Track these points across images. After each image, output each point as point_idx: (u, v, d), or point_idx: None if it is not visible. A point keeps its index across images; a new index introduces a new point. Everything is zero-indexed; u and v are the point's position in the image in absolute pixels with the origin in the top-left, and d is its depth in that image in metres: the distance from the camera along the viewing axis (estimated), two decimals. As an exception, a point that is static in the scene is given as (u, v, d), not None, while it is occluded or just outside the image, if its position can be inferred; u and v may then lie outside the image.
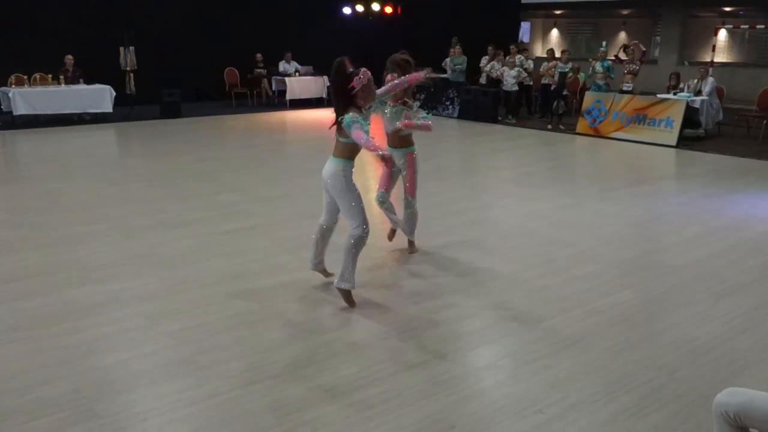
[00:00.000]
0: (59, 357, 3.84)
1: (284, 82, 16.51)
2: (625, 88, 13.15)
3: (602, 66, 13.43)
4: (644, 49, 13.59)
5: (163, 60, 15.41)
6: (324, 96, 17.03)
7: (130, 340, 4.09)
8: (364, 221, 4.50)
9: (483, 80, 15.81)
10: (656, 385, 3.63)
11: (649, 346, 4.11)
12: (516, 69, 14.51)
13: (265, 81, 16.80)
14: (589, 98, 13.20)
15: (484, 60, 15.87)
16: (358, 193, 4.55)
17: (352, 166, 4.59)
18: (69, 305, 4.58)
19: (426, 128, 5.22)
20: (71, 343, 4.02)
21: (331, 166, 4.54)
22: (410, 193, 5.62)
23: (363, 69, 4.36)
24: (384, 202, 5.61)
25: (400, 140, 5.49)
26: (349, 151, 4.52)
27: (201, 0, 16.53)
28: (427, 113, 5.37)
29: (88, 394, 3.46)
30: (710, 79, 12.75)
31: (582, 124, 13.12)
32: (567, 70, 14.08)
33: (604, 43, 15.01)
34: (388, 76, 5.20)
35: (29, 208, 7.13)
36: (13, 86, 12.87)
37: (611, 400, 3.48)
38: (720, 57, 20.17)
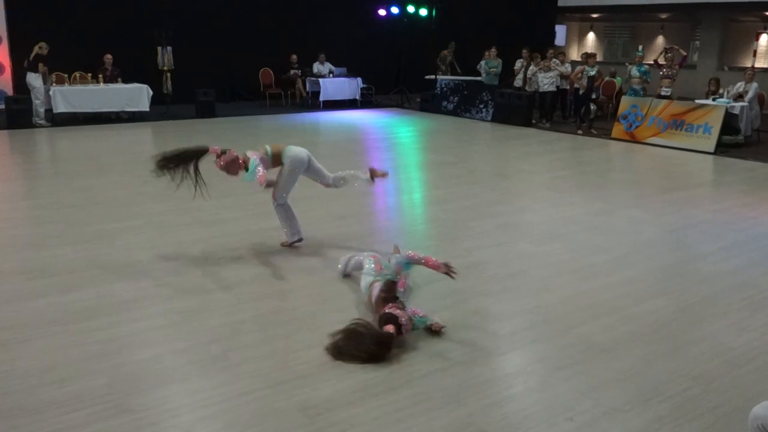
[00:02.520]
0: (94, 351, 3.91)
1: (318, 84, 16.60)
2: (663, 93, 12.95)
3: (639, 71, 13.24)
4: (684, 54, 13.38)
5: (199, 60, 15.60)
6: (357, 97, 17.09)
7: (162, 336, 4.15)
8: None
9: (517, 83, 15.71)
10: (690, 396, 3.56)
11: (684, 355, 4.04)
12: (552, 72, 14.39)
13: (299, 82, 16.91)
14: (625, 103, 13.03)
15: (518, 63, 15.77)
16: None
17: None
18: (103, 300, 4.65)
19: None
20: (105, 338, 4.09)
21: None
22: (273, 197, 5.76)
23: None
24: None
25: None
26: None
27: (237, 1, 16.70)
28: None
29: (122, 388, 3.51)
30: (754, 85, 12.50)
31: (617, 129, 12.96)
32: (594, 73, 13.95)
33: (640, 48, 14.80)
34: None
35: (66, 204, 7.27)
36: (54, 85, 13.15)
37: (644, 409, 3.42)
38: (761, 62, 19.77)
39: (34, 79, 12.81)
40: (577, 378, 3.72)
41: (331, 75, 16.87)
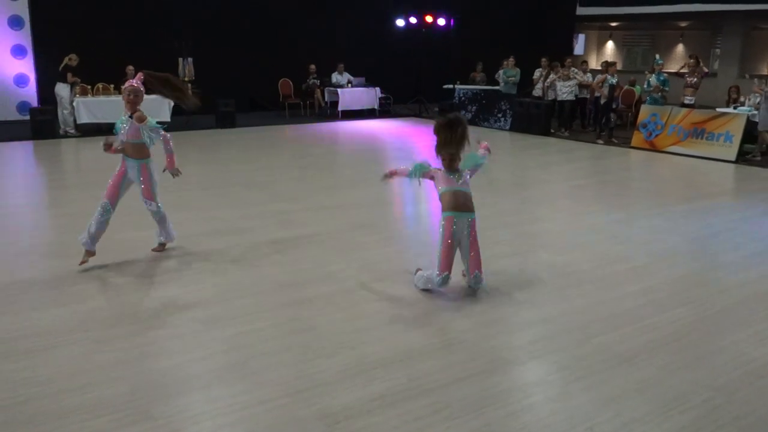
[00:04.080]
0: (116, 358, 3.96)
1: (337, 93, 16.70)
2: (686, 102, 12.86)
3: (657, 79, 13.16)
4: (707, 70, 13.23)
5: (220, 71, 15.76)
6: (376, 107, 17.16)
7: (184, 344, 4.19)
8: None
9: (536, 92, 15.68)
10: (712, 406, 3.53)
11: (706, 365, 4.01)
12: (571, 81, 14.36)
13: (317, 91, 17.02)
14: (645, 111, 12.96)
15: (537, 72, 15.76)
16: None
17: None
18: (126, 309, 4.71)
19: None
20: (128, 345, 4.14)
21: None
22: (148, 197, 5.81)
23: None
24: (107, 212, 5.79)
25: (136, 152, 5.80)
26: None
27: (257, 12, 16.86)
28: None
29: (144, 395, 3.55)
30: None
31: (637, 138, 12.88)
32: (615, 82, 13.89)
33: (658, 56, 14.71)
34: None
35: (88, 214, 7.32)
36: (78, 96, 13.35)
37: (665, 419, 3.40)
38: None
39: (62, 90, 13.04)
40: (596, 388, 3.70)
41: (349, 85, 16.96)
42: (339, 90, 16.70)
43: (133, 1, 15.50)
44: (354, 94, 16.94)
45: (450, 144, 4.97)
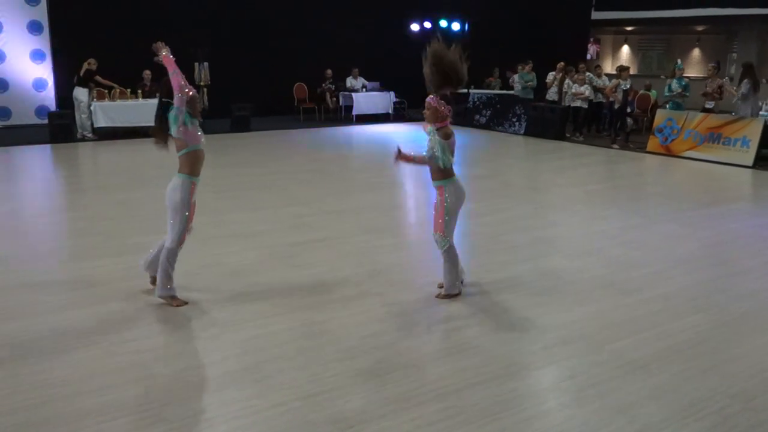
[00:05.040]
0: (132, 361, 3.98)
1: (351, 98, 16.74)
2: (707, 106, 12.77)
3: (679, 84, 13.06)
4: (726, 87, 13.03)
5: (235, 75, 15.85)
6: (390, 111, 17.17)
7: (198, 347, 4.21)
8: (179, 239, 4.75)
9: (550, 96, 15.62)
10: (729, 414, 3.50)
11: (722, 372, 3.97)
12: (583, 87, 14.31)
13: (328, 95, 17.09)
14: (660, 116, 12.87)
15: (550, 76, 15.72)
16: (191, 213, 4.78)
17: (192, 182, 4.78)
18: (141, 312, 4.74)
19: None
20: (143, 347, 4.17)
21: (173, 180, 4.77)
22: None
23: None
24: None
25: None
26: (189, 166, 4.75)
27: (271, 18, 16.93)
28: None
29: (158, 398, 3.57)
30: None
31: (653, 143, 12.80)
32: (627, 87, 13.81)
33: (679, 61, 14.62)
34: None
35: (105, 217, 7.43)
36: (95, 100, 13.48)
37: (681, 427, 3.37)
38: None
39: (81, 94, 13.19)
40: (611, 395, 3.68)
41: (364, 89, 17.00)
42: (353, 94, 16.75)
43: (149, 7, 15.63)
44: (368, 99, 16.97)
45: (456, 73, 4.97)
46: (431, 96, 4.95)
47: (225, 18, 16.33)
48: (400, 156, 4.98)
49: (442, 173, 4.95)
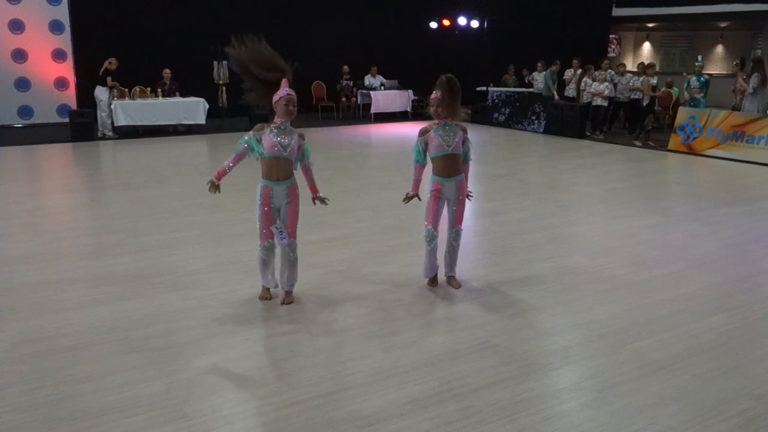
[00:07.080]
0: (152, 357, 4.02)
1: (369, 96, 16.74)
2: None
3: (698, 81, 12.92)
4: (745, 86, 12.78)
5: (254, 74, 15.90)
6: (408, 110, 17.16)
7: (218, 344, 4.23)
8: (260, 240, 4.92)
9: (569, 93, 15.52)
10: (753, 416, 3.45)
11: (746, 373, 3.92)
12: (603, 85, 14.18)
13: (349, 94, 17.10)
14: (682, 114, 12.74)
15: (568, 72, 15.61)
16: (262, 215, 4.93)
17: (264, 185, 4.94)
18: (161, 308, 4.78)
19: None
20: (163, 344, 4.20)
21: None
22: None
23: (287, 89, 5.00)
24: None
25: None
26: (264, 171, 4.94)
27: (290, 16, 16.99)
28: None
29: (178, 394, 3.60)
30: None
31: (674, 141, 12.67)
32: (656, 83, 13.64)
33: (699, 58, 14.45)
34: (433, 95, 5.12)
35: (126, 215, 7.50)
36: (116, 99, 13.62)
37: (703, 429, 3.33)
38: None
39: (101, 93, 13.33)
40: (632, 395, 3.65)
41: (382, 88, 17.00)
42: (372, 93, 16.76)
43: (170, 6, 15.76)
44: (387, 97, 16.97)
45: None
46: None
47: (243, 17, 16.38)
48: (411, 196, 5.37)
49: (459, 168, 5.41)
